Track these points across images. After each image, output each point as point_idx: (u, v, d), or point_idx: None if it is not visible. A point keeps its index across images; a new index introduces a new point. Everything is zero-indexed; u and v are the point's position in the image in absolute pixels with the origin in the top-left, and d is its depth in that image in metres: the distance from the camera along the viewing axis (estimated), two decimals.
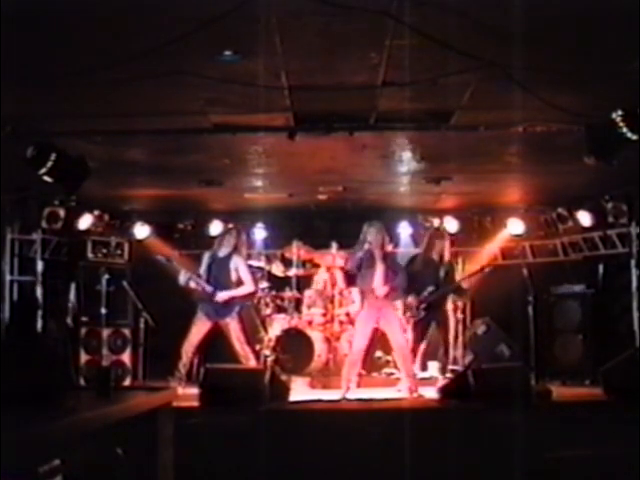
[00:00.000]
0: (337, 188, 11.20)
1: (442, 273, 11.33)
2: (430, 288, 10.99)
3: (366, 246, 10.03)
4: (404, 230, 13.05)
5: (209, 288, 10.68)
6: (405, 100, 7.37)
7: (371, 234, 10.04)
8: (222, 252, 10.97)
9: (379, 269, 9.99)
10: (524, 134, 8.03)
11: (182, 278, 10.77)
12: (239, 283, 10.86)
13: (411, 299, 10.87)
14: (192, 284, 10.76)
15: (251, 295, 11.20)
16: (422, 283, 11.04)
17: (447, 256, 11.66)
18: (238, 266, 10.88)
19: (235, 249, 10.97)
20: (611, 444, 7.23)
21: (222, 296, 10.66)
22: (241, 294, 10.85)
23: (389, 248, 10.49)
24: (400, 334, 10.12)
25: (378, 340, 10.60)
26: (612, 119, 7.18)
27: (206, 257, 10.99)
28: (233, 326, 10.76)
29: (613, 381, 9.03)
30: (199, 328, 10.72)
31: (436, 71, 6.52)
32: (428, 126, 8.10)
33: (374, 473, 7.10)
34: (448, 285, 11.35)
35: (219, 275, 10.81)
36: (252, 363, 10.77)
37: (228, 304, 10.71)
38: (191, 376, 10.75)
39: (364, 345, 10.07)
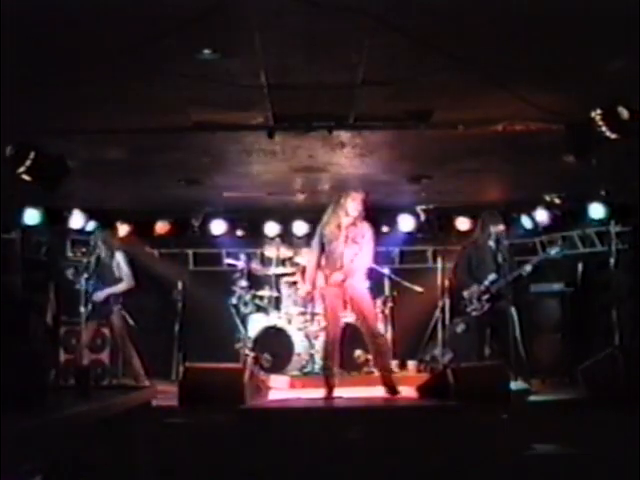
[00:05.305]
0: (316, 187, 11.20)
1: (500, 259, 10.33)
2: (491, 276, 10.36)
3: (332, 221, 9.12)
4: (384, 229, 12.99)
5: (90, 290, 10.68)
6: (385, 99, 7.39)
7: (351, 200, 9.16)
8: (103, 252, 10.85)
9: (341, 245, 9.14)
10: (503, 133, 8.05)
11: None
12: (121, 280, 10.80)
13: (474, 289, 10.42)
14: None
15: (130, 290, 10.97)
16: (482, 271, 10.47)
17: (504, 242, 10.58)
18: (119, 263, 10.82)
19: (113, 247, 10.94)
20: (590, 442, 7.27)
21: (99, 296, 10.60)
22: (118, 291, 10.73)
23: (360, 221, 9.23)
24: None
25: (356, 338, 10.19)
26: (591, 118, 7.22)
27: (92, 259, 10.86)
28: (115, 322, 10.74)
29: (592, 379, 9.06)
30: (86, 329, 10.69)
31: (416, 70, 6.54)
32: (408, 125, 8.11)
33: (354, 472, 7.11)
34: (509, 272, 10.31)
35: (102, 274, 10.73)
36: (135, 361, 10.64)
37: (107, 302, 10.64)
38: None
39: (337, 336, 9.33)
